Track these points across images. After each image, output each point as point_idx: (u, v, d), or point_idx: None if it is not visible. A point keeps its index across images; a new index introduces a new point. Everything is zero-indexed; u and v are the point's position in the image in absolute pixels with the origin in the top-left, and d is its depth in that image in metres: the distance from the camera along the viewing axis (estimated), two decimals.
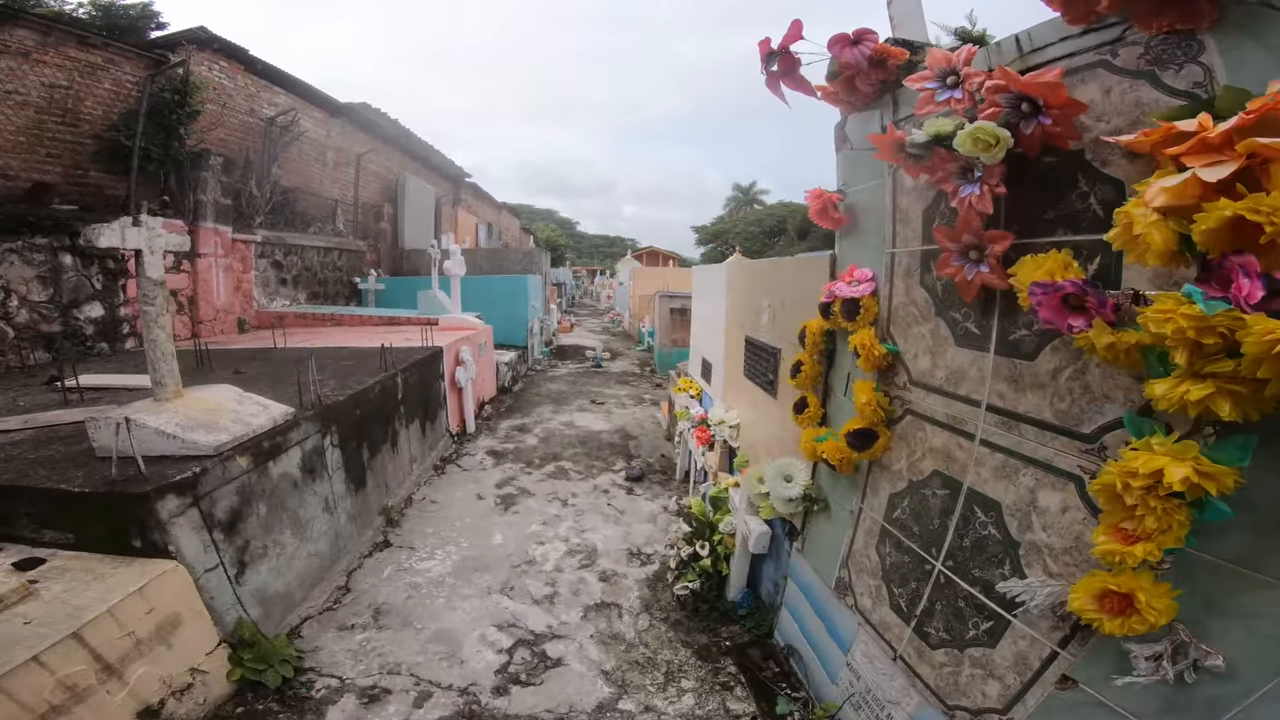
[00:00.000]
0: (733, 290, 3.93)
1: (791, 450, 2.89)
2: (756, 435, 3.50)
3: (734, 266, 3.98)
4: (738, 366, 3.77)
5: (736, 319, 3.84)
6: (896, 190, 2.03)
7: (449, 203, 21.04)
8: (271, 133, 10.55)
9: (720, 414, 3.87)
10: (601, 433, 7.32)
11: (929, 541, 1.87)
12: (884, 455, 2.08)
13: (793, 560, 2.91)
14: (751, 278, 3.55)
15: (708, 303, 4.80)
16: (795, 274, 2.88)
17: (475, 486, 5.74)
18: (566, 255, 48.21)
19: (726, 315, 4.05)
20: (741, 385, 3.69)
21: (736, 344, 3.80)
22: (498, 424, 7.60)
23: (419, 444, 5.82)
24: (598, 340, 17.06)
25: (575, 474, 6.01)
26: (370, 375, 4.89)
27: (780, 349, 3.00)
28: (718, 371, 4.40)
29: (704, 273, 5.01)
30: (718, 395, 4.39)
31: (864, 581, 2.27)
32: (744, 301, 3.68)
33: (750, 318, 3.52)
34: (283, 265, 10.51)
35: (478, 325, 7.73)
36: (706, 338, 4.87)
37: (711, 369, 4.58)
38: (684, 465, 5.72)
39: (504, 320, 11.13)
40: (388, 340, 7.00)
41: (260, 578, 3.20)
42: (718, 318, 4.32)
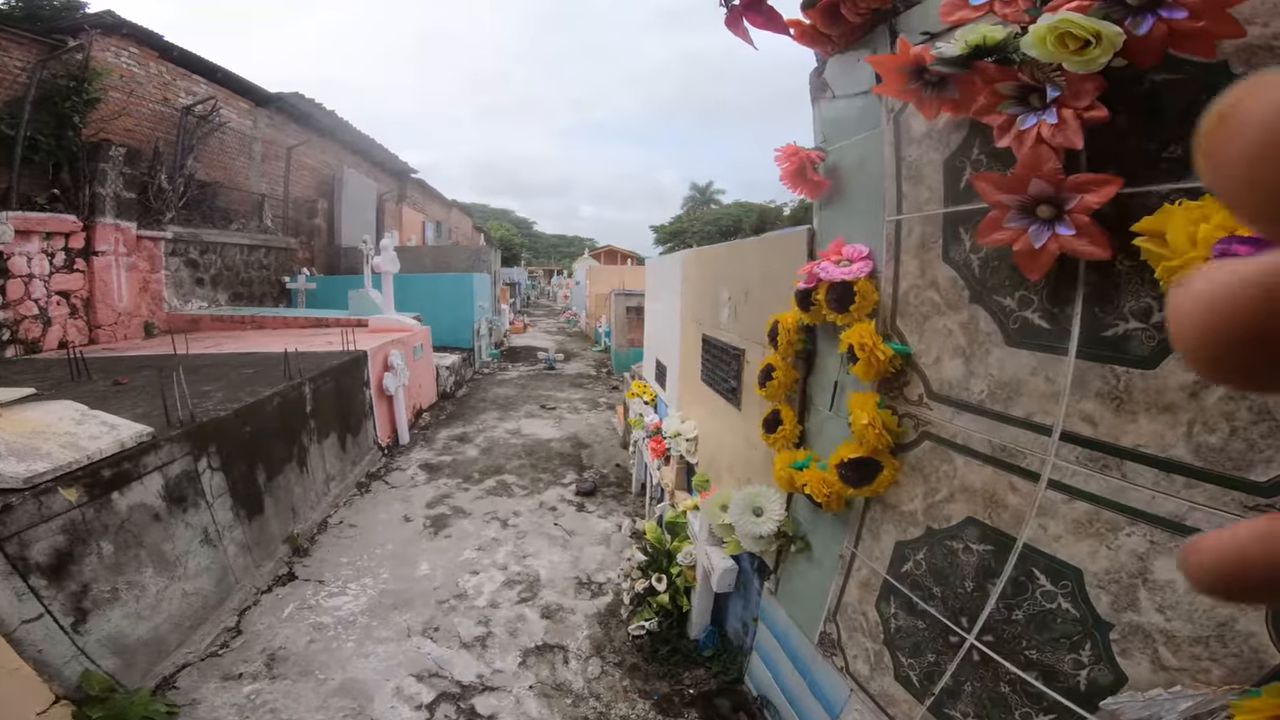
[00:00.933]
0: (688, 283, 3.44)
1: (761, 472, 2.40)
2: (718, 451, 3.00)
3: (689, 257, 3.47)
4: (694, 370, 3.28)
5: (693, 315, 3.35)
6: (900, 138, 1.56)
7: (393, 199, 20.00)
8: (187, 123, 9.69)
9: (675, 425, 3.37)
10: (551, 441, 6.73)
11: (957, 608, 1.40)
12: (889, 491, 1.60)
13: (765, 602, 2.43)
14: (709, 266, 3.05)
15: (662, 299, 4.30)
16: (762, 257, 2.39)
17: (403, 506, 5.07)
18: (522, 255, 47.16)
19: (682, 311, 3.55)
20: (699, 391, 3.20)
21: (693, 344, 3.31)
22: (435, 434, 6.90)
23: (337, 460, 5.11)
24: (552, 341, 16.39)
25: (519, 489, 5.40)
26: (271, 385, 4.18)
27: (744, 349, 2.51)
28: (673, 375, 3.90)
29: (658, 266, 4.50)
30: (673, 402, 3.89)
31: (859, 643, 1.80)
32: (700, 295, 3.18)
33: (708, 313, 3.03)
34: (199, 264, 9.51)
35: (413, 327, 7.01)
36: (661, 338, 4.37)
37: (666, 372, 4.09)
38: (640, 477, 5.20)
39: (448, 321, 10.38)
40: (311, 344, 6.24)
41: (112, 624, 2.70)
42: (672, 315, 3.82)
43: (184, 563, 3.19)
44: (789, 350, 1.91)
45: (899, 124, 1.58)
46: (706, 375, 3.02)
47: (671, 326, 3.85)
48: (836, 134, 1.91)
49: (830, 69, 1.96)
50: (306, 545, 4.42)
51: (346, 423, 5.25)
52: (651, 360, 4.73)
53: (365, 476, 5.63)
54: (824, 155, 1.92)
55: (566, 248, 63.41)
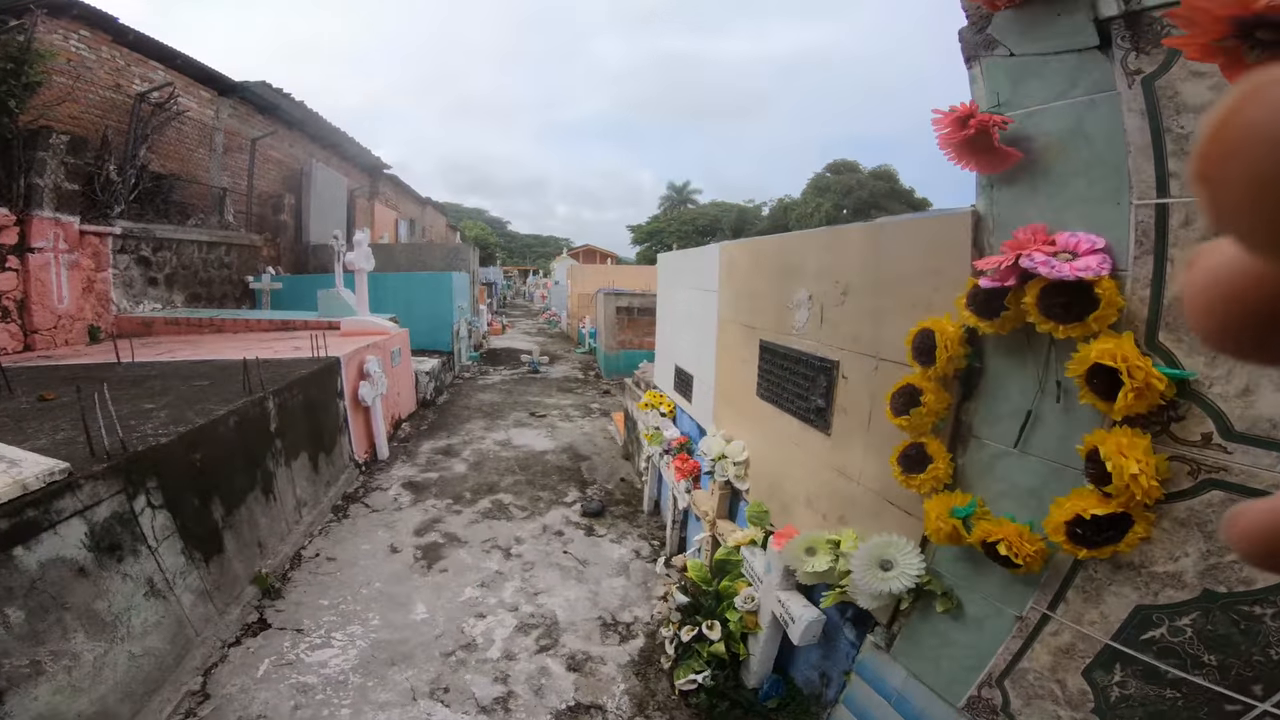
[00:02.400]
0: (731, 279, 2.93)
1: (865, 512, 1.93)
2: (783, 479, 2.51)
3: (733, 249, 2.97)
4: (743, 382, 2.78)
5: (738, 317, 2.85)
6: (1158, 106, 1.12)
7: (364, 195, 19.13)
8: (141, 111, 8.91)
9: (717, 445, 2.87)
10: (546, 453, 6.17)
11: (1249, 676, 1.01)
12: (1134, 550, 1.14)
13: (869, 657, 1.95)
14: (768, 258, 2.54)
15: (684, 298, 3.79)
16: (877, 246, 1.86)
17: (388, 534, 4.46)
18: (497, 254, 46.15)
19: (720, 313, 3.05)
20: (752, 408, 2.70)
21: (740, 351, 2.82)
22: (418, 446, 6.27)
23: (309, 483, 4.47)
24: (533, 343, 15.75)
25: (518, 510, 4.84)
26: (228, 401, 3.54)
27: (837, 362, 2.01)
28: (704, 386, 3.39)
29: (677, 261, 3.98)
30: (705, 417, 3.38)
31: (1044, 710, 1.37)
32: (754, 293, 2.68)
33: (768, 315, 2.53)
34: (152, 262, 8.66)
35: (390, 329, 6.36)
36: (682, 342, 3.86)
37: (693, 383, 3.58)
38: (652, 494, 4.69)
39: (426, 322, 9.70)
40: (276, 350, 5.57)
41: (41, 702, 2.20)
42: (703, 316, 3.32)
43: (126, 621, 2.61)
44: (948, 368, 1.43)
45: (1154, 89, 1.13)
46: (767, 390, 2.53)
47: (702, 329, 3.35)
48: (1024, 97, 1.44)
49: (1004, 23, 1.49)
50: (278, 585, 3.80)
51: (319, 439, 4.61)
52: (668, 367, 4.22)
53: (342, 499, 4.99)
54: (1009, 121, 1.43)
55: (542, 247, 62.32)
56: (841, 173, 34.05)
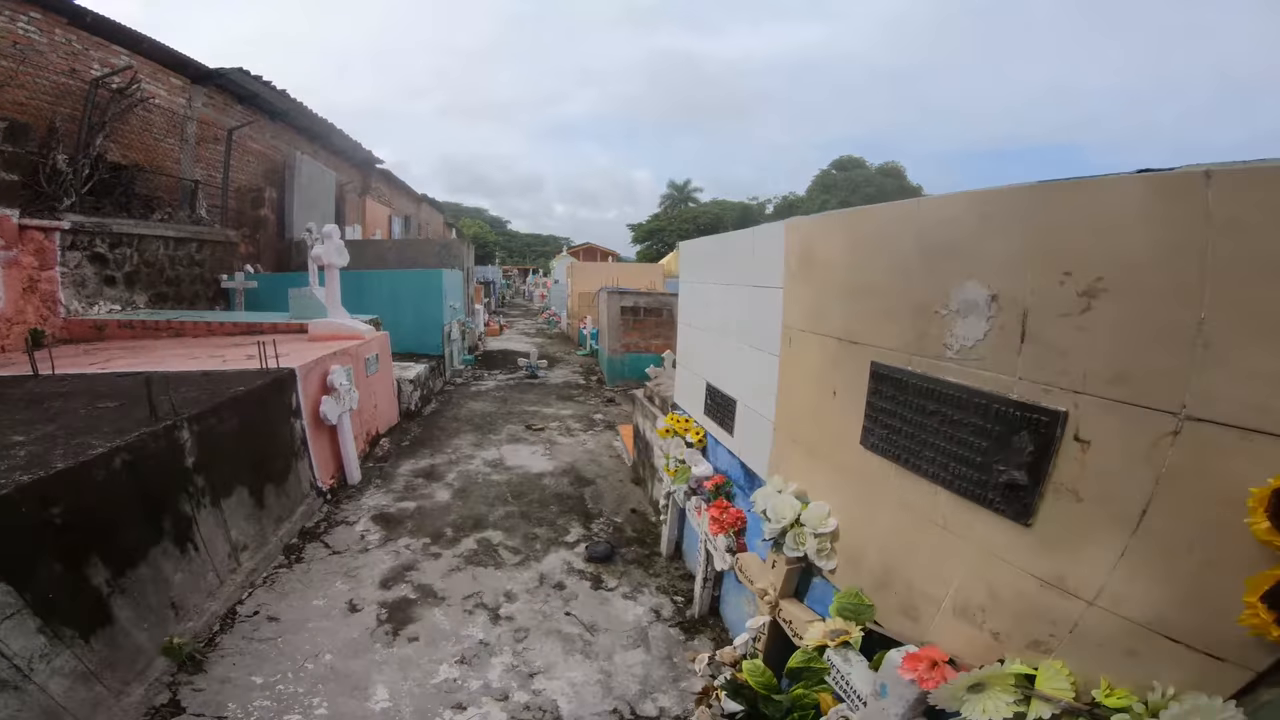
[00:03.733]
0: (810, 271, 2.04)
1: (1093, 641, 1.10)
2: (915, 571, 1.59)
3: (813, 227, 2.04)
4: (831, 421, 1.91)
5: (823, 326, 1.95)
6: None
7: (356, 191, 18.32)
8: (97, 97, 8.15)
9: (785, 506, 2.02)
10: (544, 476, 5.33)
11: None
12: None
13: None
14: (901, 237, 1.58)
15: (720, 297, 2.92)
16: (1222, 205, 0.94)
17: (348, 585, 3.63)
18: (496, 253, 45.34)
19: (786, 319, 2.20)
20: (846, 460, 1.83)
21: (826, 376, 1.94)
22: (396, 467, 5.44)
23: (250, 522, 3.64)
24: (532, 344, 14.91)
25: (509, 554, 4.00)
26: (123, 431, 2.71)
27: (1063, 412, 1.11)
28: (755, 418, 2.52)
29: (707, 250, 3.07)
30: (756, 457, 2.52)
31: None
32: (859, 290, 1.73)
33: (890, 325, 1.58)
34: (108, 260, 7.81)
35: (365, 333, 5.52)
36: (718, 355, 2.98)
37: (735, 410, 2.71)
38: (672, 535, 3.86)
39: (414, 324, 8.88)
40: (225, 358, 4.75)
41: None
42: (754, 322, 2.45)
43: None
44: None
45: None
46: (884, 440, 1.66)
47: (753, 340, 2.49)
48: None
49: None
50: (200, 654, 2.99)
51: (264, 469, 3.78)
52: (695, 384, 3.34)
53: (298, 535, 4.16)
54: None
55: (541, 246, 61.35)
56: (847, 169, 33.19)
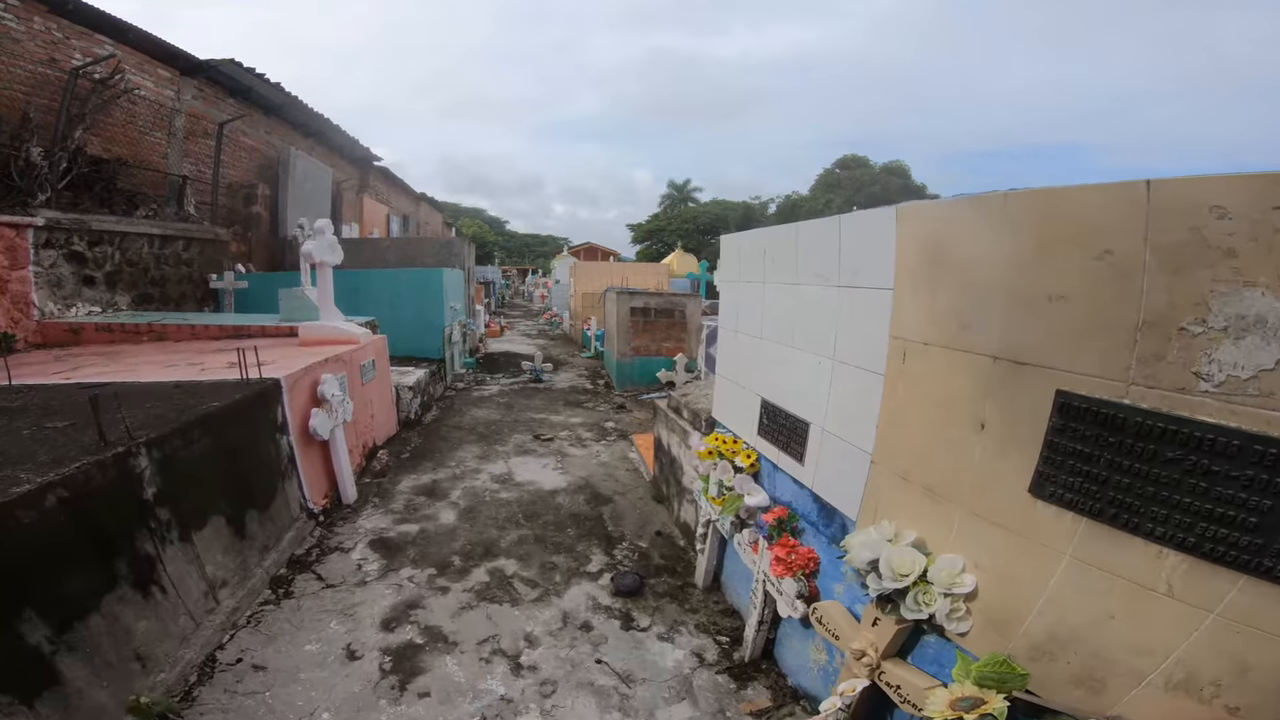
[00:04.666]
0: (943, 271, 1.60)
1: None
2: (1116, 642, 1.18)
3: (945, 214, 1.51)
4: (976, 461, 1.45)
5: (963, 341, 1.45)
6: None
7: (353, 189, 17.87)
8: (77, 88, 7.72)
9: (905, 560, 1.56)
10: (557, 493, 4.87)
11: None
12: None
13: None
14: (1105, 226, 1.18)
15: (782, 302, 2.41)
16: None
17: (344, 627, 3.18)
18: (496, 253, 44.86)
19: (900, 329, 1.72)
20: (998, 508, 1.34)
21: (966, 405, 1.45)
22: (396, 483, 4.98)
23: (230, 554, 3.19)
24: (534, 346, 14.46)
25: (526, 587, 3.55)
26: (59, 463, 2.25)
27: None
28: (840, 446, 2.02)
29: (764, 244, 2.46)
30: (840, 493, 2.04)
31: None
32: (1029, 296, 1.18)
33: (1090, 344, 1.04)
34: (87, 259, 7.34)
35: (360, 337, 5.06)
36: (776, 368, 2.46)
37: (807, 434, 2.20)
38: (711, 566, 3.41)
39: (413, 326, 8.42)
40: (204, 366, 4.29)
41: None
42: (845, 333, 1.96)
43: None
44: None
45: None
46: (1071, 490, 1.16)
47: (840, 354, 2.02)
48: None
49: None
50: (174, 712, 2.55)
51: (245, 493, 3.32)
52: (746, 401, 2.82)
53: (287, 565, 3.71)
54: None
55: (540, 246, 60.77)
56: (852, 168, 32.77)
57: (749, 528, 2.71)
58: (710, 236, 43.26)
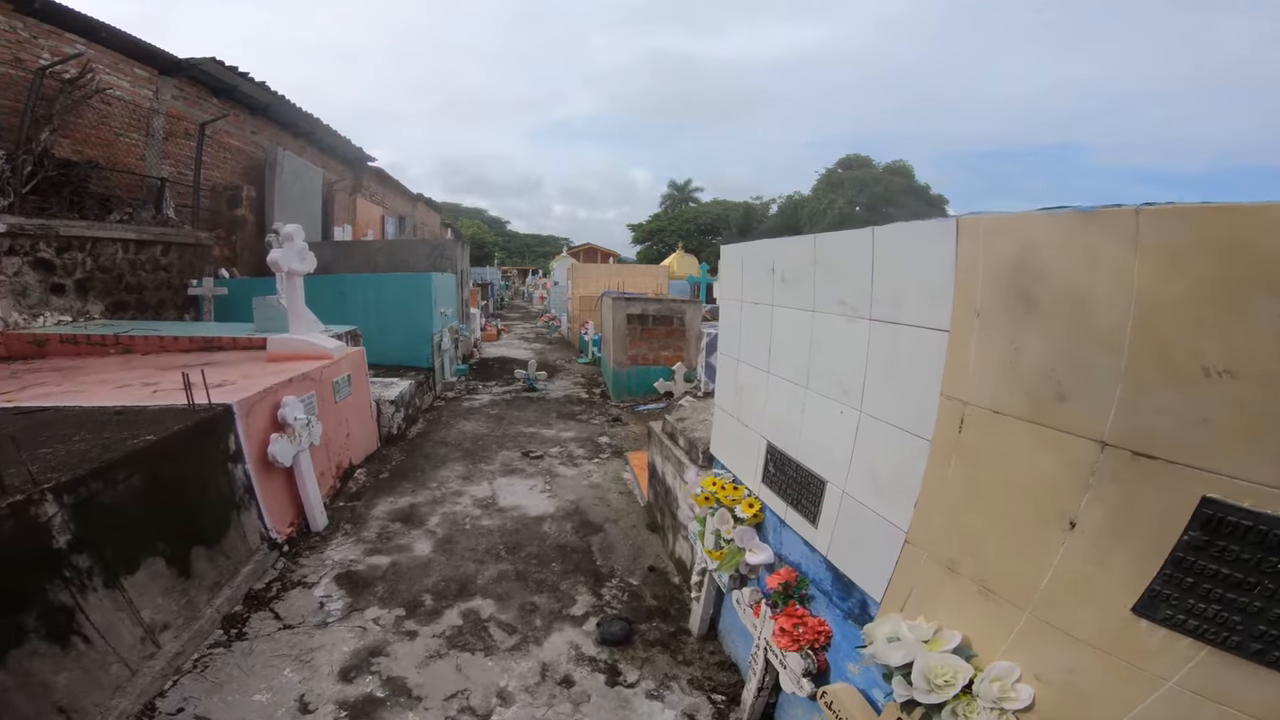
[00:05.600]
0: (1032, 315, 1.20)
1: None
2: None
3: (1049, 230, 1.17)
4: (1049, 561, 1.08)
5: (1060, 416, 1.15)
6: None
7: (346, 190, 17.55)
8: (44, 88, 7.43)
9: (948, 668, 1.23)
10: (544, 520, 4.54)
11: None
12: None
13: None
14: None
15: (796, 328, 1.95)
16: None
17: (299, 675, 2.86)
18: (495, 254, 44.55)
19: (947, 387, 1.31)
20: (1082, 623, 1.01)
21: (1050, 492, 1.03)
22: (371, 507, 4.65)
23: (172, 596, 2.87)
24: (530, 350, 14.15)
25: (502, 632, 3.22)
26: None
27: None
28: (866, 516, 1.60)
29: (775, 256, 2.20)
30: (864, 570, 1.64)
31: None
32: (1194, 374, 0.95)
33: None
34: (55, 266, 7.03)
35: (332, 351, 4.72)
36: (787, 410, 1.99)
37: (824, 493, 1.83)
38: (706, 613, 3.08)
39: (400, 334, 8.10)
40: (157, 388, 3.99)
41: None
42: (881, 380, 1.52)
43: None
44: None
45: None
46: (1203, 618, 0.84)
47: (871, 403, 1.62)
48: None
49: None
50: None
51: (190, 529, 2.99)
52: (749, 443, 2.41)
53: (244, 601, 3.39)
54: None
55: (540, 247, 60.40)
56: (854, 168, 32.36)
57: (750, 584, 2.38)
58: (711, 237, 42.91)
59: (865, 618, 1.81)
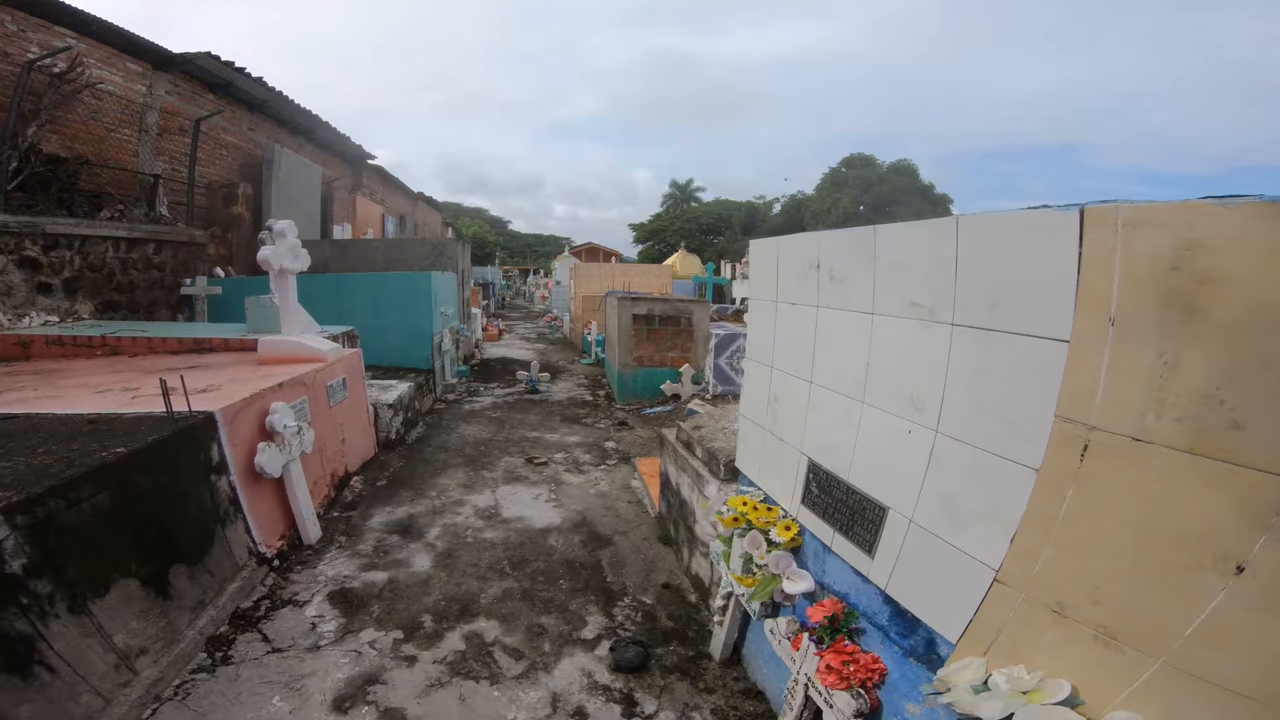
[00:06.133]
0: (1206, 324, 0.96)
1: None
2: None
3: (1244, 216, 0.91)
4: (1200, 607, 0.89)
5: (1243, 437, 0.91)
6: None
7: (345, 188, 17.33)
8: (31, 82, 7.23)
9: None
10: (550, 532, 4.30)
11: None
12: None
13: None
14: None
15: (849, 333, 1.71)
16: None
17: (288, 704, 2.63)
18: (497, 254, 44.37)
19: (1064, 407, 1.11)
20: (1250, 682, 0.85)
21: (1210, 535, 0.93)
22: (367, 517, 4.41)
23: (148, 620, 2.64)
24: (532, 351, 13.92)
25: (508, 657, 2.98)
26: None
27: None
28: (943, 551, 1.32)
29: (823, 252, 1.93)
30: (935, 610, 1.41)
31: None
32: None
33: None
34: (42, 264, 6.81)
35: (327, 353, 4.49)
36: (836, 425, 1.77)
37: (884, 521, 1.61)
38: (730, 639, 2.84)
39: (400, 334, 7.87)
40: (137, 394, 3.75)
41: None
42: (965, 398, 1.39)
43: None
44: None
45: None
46: None
47: (952, 423, 1.36)
48: None
49: None
50: None
51: (167, 547, 2.76)
52: (785, 458, 2.11)
53: (229, 622, 3.16)
54: None
55: (541, 247, 60.20)
56: (858, 167, 32.09)
57: (785, 612, 2.14)
58: (713, 237, 42.69)
59: (932, 657, 1.58)
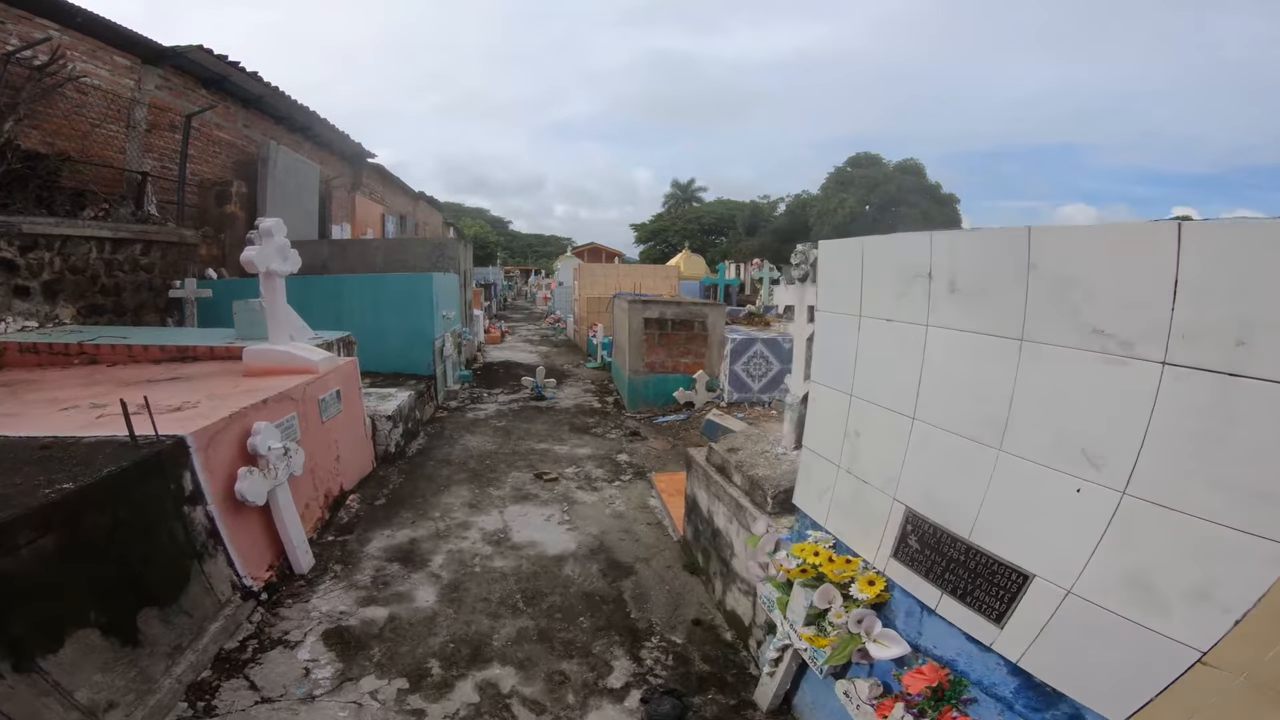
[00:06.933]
0: None
1: None
2: None
3: None
4: None
5: None
6: None
7: (344, 187, 16.98)
8: (9, 75, 6.90)
9: None
10: (565, 560, 3.93)
11: None
12: None
13: None
14: None
15: (985, 366, 1.44)
16: None
17: None
18: (498, 254, 44.02)
19: None
20: None
21: None
22: (364, 542, 4.05)
23: (115, 671, 2.28)
24: (536, 354, 13.55)
25: (528, 713, 2.61)
26: None
27: None
28: (1107, 621, 1.01)
29: (924, 261, 1.55)
30: (1086, 686, 1.04)
31: None
32: None
33: None
34: (19, 266, 6.42)
35: (318, 364, 4.12)
36: (946, 471, 1.56)
37: (1025, 589, 1.26)
38: (781, 689, 2.48)
39: (400, 338, 7.50)
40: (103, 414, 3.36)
41: None
42: (1221, 460, 0.99)
43: None
44: None
45: None
46: None
47: (1138, 475, 0.99)
48: None
49: None
50: None
51: (134, 589, 2.40)
52: (869, 502, 1.85)
53: (211, 666, 2.79)
54: None
55: (543, 247, 59.82)
56: (864, 166, 31.72)
57: (857, 670, 1.78)
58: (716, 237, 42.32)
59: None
